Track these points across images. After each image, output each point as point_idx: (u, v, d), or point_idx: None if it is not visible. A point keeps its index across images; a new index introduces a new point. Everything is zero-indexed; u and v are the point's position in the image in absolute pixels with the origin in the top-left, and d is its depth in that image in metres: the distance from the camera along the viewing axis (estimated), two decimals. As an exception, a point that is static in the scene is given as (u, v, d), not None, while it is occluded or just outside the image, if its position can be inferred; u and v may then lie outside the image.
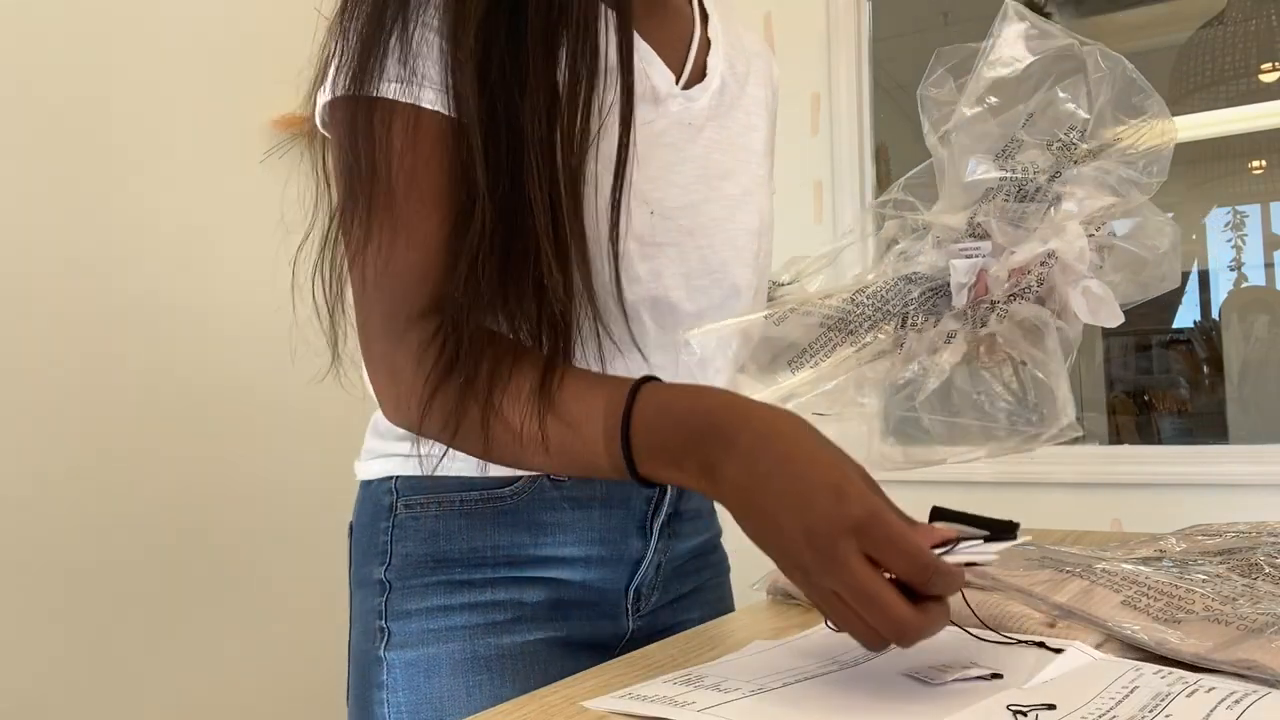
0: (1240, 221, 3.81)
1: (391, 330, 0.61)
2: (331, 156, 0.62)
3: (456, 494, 0.71)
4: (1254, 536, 0.81)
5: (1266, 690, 0.45)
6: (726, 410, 0.54)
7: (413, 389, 0.60)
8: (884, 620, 0.45)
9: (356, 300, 0.61)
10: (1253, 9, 2.59)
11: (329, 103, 0.61)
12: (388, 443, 0.74)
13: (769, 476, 0.50)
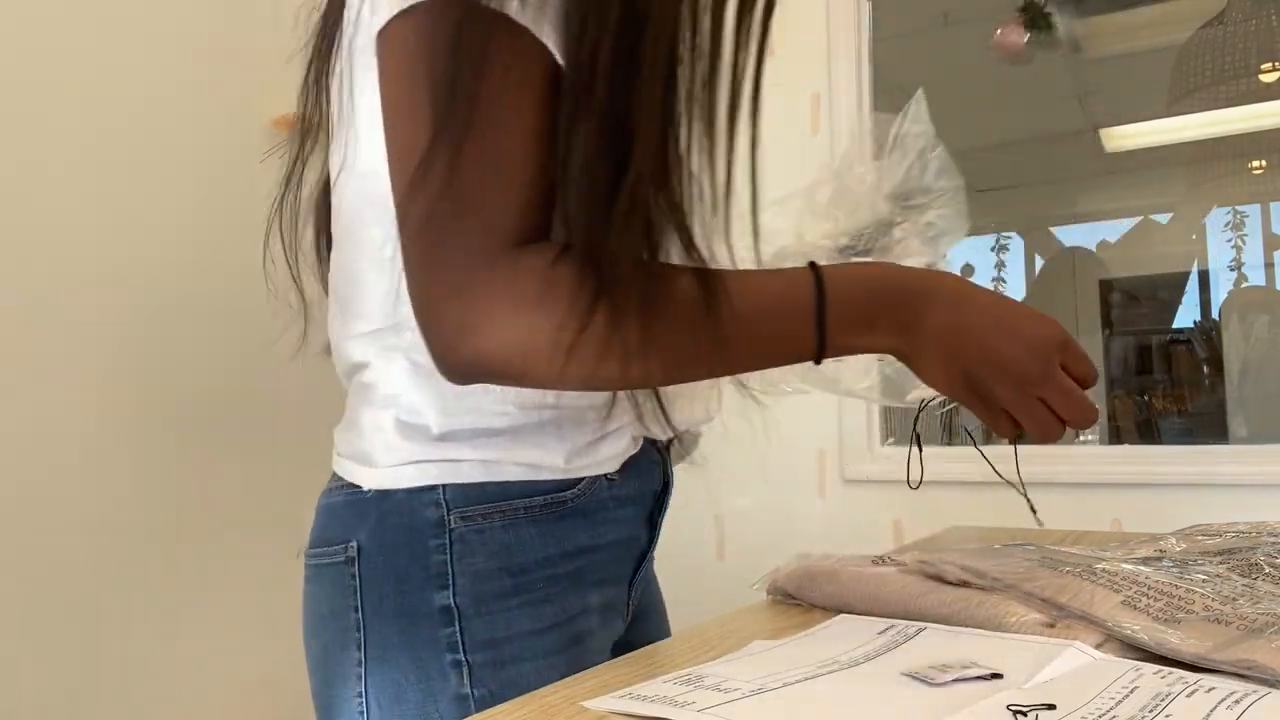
0: (1240, 221, 3.81)
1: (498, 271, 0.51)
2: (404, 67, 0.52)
3: (520, 500, 0.64)
4: (1254, 536, 0.81)
5: (1266, 690, 0.45)
6: (910, 274, 0.61)
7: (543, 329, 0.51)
8: (1080, 410, 0.60)
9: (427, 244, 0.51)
10: (1253, 9, 2.59)
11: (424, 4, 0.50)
12: (427, 445, 0.62)
13: (979, 315, 0.60)
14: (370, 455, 0.64)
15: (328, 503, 0.67)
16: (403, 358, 0.63)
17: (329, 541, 0.65)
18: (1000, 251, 4.46)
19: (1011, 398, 0.60)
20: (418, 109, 0.50)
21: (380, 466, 0.64)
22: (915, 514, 2.14)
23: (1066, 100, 3.80)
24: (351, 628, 0.64)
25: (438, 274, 0.51)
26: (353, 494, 0.65)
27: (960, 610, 0.61)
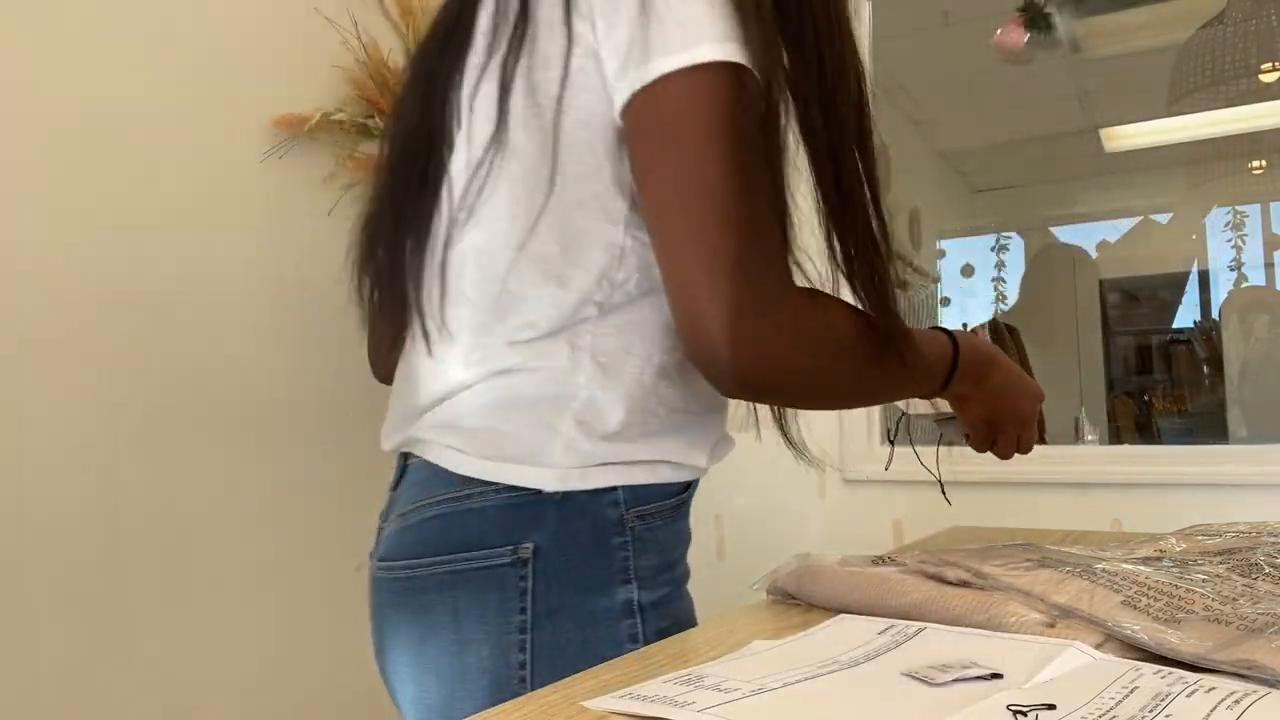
0: (1240, 221, 3.81)
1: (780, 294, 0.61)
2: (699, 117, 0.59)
3: (671, 499, 0.72)
4: (1254, 536, 0.81)
5: (1266, 690, 0.45)
6: (987, 348, 0.82)
7: (816, 359, 0.63)
8: (1030, 441, 0.89)
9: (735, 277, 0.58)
10: (1253, 9, 2.59)
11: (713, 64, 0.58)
12: (605, 445, 0.66)
13: (1012, 379, 0.85)
14: (542, 456, 0.66)
15: (473, 507, 0.67)
16: (588, 359, 0.66)
17: (486, 544, 0.66)
18: (1000, 251, 4.46)
19: (1008, 431, 0.87)
20: (718, 159, 0.58)
21: (560, 468, 0.66)
22: (915, 514, 2.14)
23: (1066, 100, 3.80)
24: (514, 629, 0.65)
25: (743, 304, 0.58)
26: (516, 497, 0.66)
27: (960, 610, 0.61)
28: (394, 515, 0.74)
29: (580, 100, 0.64)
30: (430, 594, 0.68)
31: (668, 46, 0.59)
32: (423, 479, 0.71)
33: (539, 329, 0.67)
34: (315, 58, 1.74)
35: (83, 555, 1.38)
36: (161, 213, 1.50)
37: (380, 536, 0.76)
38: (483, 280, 0.68)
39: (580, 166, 0.64)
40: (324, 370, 1.73)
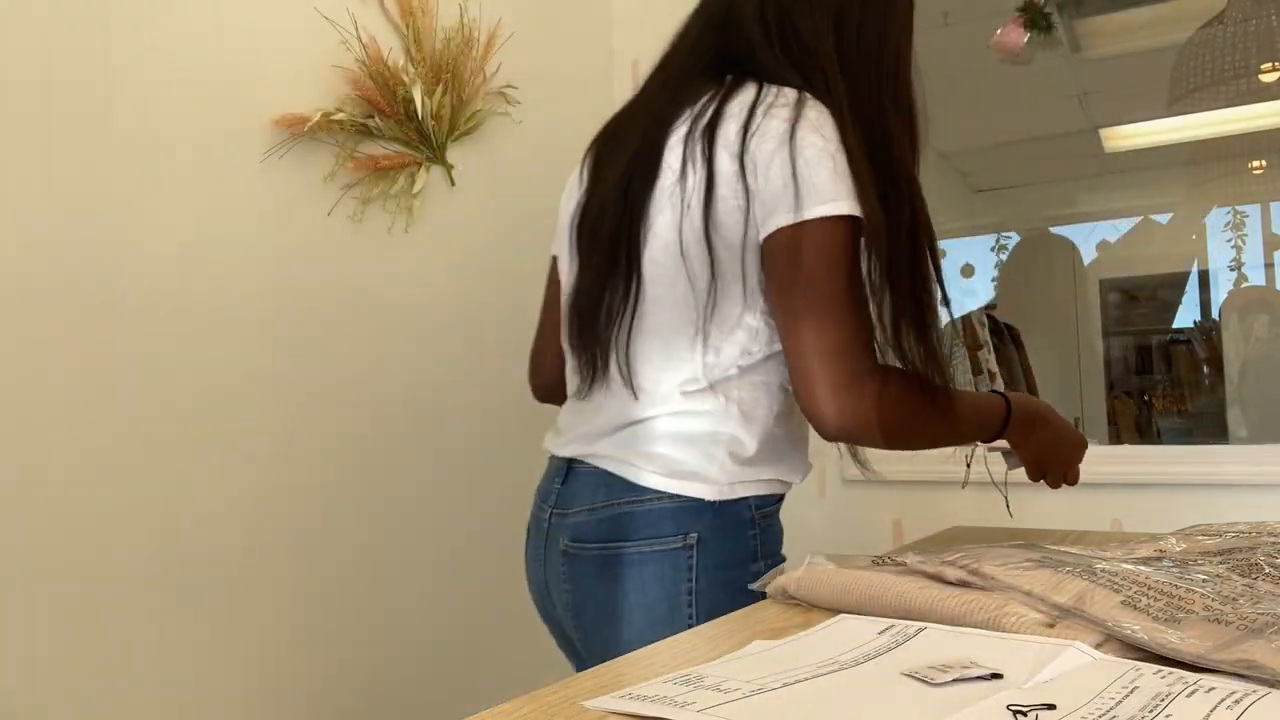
0: (1240, 221, 3.81)
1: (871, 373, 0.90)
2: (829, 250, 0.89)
3: (777, 503, 1.03)
4: (1254, 536, 0.82)
5: (1266, 690, 0.45)
6: (1037, 406, 1.09)
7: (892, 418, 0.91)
8: (1073, 478, 1.15)
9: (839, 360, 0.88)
10: (1253, 9, 2.58)
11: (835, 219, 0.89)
12: (755, 470, 0.97)
13: (1059, 434, 1.12)
14: (706, 476, 0.95)
15: (653, 508, 0.95)
16: (735, 407, 0.96)
17: (663, 534, 0.95)
18: (1000, 251, 4.45)
19: (1054, 470, 1.14)
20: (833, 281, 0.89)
21: (718, 483, 0.95)
22: (915, 514, 2.14)
23: (1066, 100, 3.79)
24: (684, 592, 0.95)
25: (840, 382, 0.87)
26: (686, 503, 0.95)
27: (960, 610, 0.61)
28: (579, 508, 1.01)
29: (738, 228, 0.93)
30: (623, 567, 0.96)
31: (805, 201, 0.88)
32: (603, 483, 0.99)
33: (700, 384, 0.96)
34: (315, 58, 1.74)
35: (82, 554, 1.38)
36: (161, 213, 1.50)
37: (565, 521, 1.03)
38: (663, 350, 0.97)
39: (732, 271, 0.94)
40: (322, 370, 1.73)
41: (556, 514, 1.06)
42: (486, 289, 2.09)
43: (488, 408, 2.08)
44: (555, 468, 1.09)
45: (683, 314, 0.96)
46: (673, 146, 0.97)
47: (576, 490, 1.02)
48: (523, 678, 2.01)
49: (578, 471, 1.03)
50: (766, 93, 0.94)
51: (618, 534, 0.96)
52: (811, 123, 0.90)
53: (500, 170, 2.12)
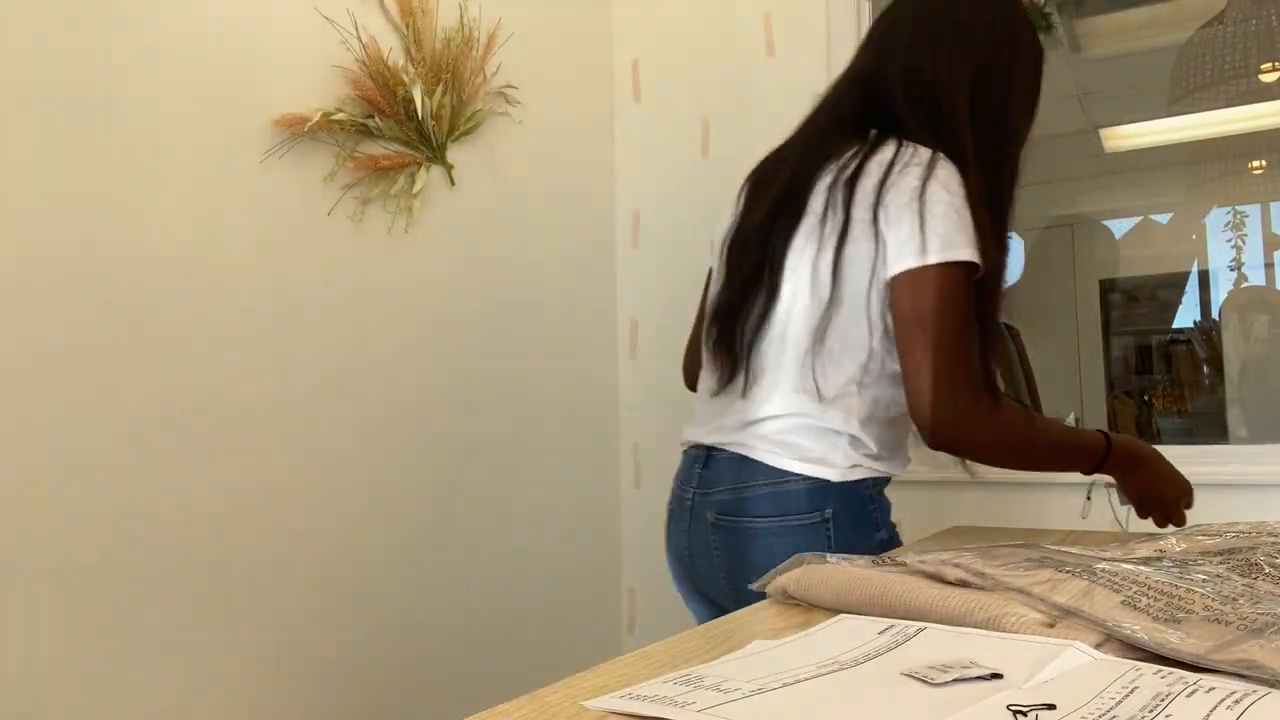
0: (1240, 221, 3.81)
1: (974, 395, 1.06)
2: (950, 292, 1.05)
3: (887, 482, 1.20)
4: (1254, 536, 0.82)
5: (1266, 690, 0.45)
6: (1141, 449, 1.22)
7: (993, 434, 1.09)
8: (1178, 519, 1.24)
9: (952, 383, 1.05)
10: (1253, 9, 2.59)
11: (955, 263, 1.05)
12: (869, 460, 1.15)
13: (1162, 476, 1.23)
14: (831, 462, 1.13)
15: (791, 489, 1.13)
16: (855, 417, 1.13)
17: (803, 510, 1.13)
18: (1000, 251, 4.44)
19: (1157, 511, 1.25)
20: (949, 318, 1.05)
21: (840, 468, 1.13)
22: (915, 514, 2.14)
23: (1066, 100, 3.79)
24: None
25: (954, 398, 1.04)
26: (817, 484, 1.13)
27: (960, 610, 0.61)
28: (722, 487, 1.19)
29: (868, 265, 1.09)
30: (768, 538, 1.13)
31: (930, 248, 1.05)
32: (744, 467, 1.16)
33: (824, 395, 1.13)
34: (315, 58, 1.74)
35: (81, 554, 1.38)
36: (161, 213, 1.50)
37: (709, 499, 1.20)
38: (794, 360, 1.15)
39: (858, 303, 1.11)
40: (322, 370, 1.73)
41: (699, 493, 1.23)
42: (486, 289, 2.09)
43: (488, 407, 2.08)
44: (695, 455, 1.26)
45: (812, 335, 1.13)
46: (817, 193, 1.15)
47: (719, 473, 1.20)
48: (523, 678, 2.02)
49: (717, 458, 1.21)
50: (904, 151, 1.10)
51: (763, 510, 1.15)
52: (941, 180, 1.07)
53: (500, 170, 2.12)
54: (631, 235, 2.53)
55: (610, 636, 2.43)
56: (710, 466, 1.21)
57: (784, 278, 1.16)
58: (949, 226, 1.05)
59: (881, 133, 1.15)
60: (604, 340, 2.46)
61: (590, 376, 2.40)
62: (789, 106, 2.38)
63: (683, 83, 2.48)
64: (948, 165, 1.08)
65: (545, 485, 2.22)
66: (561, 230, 2.31)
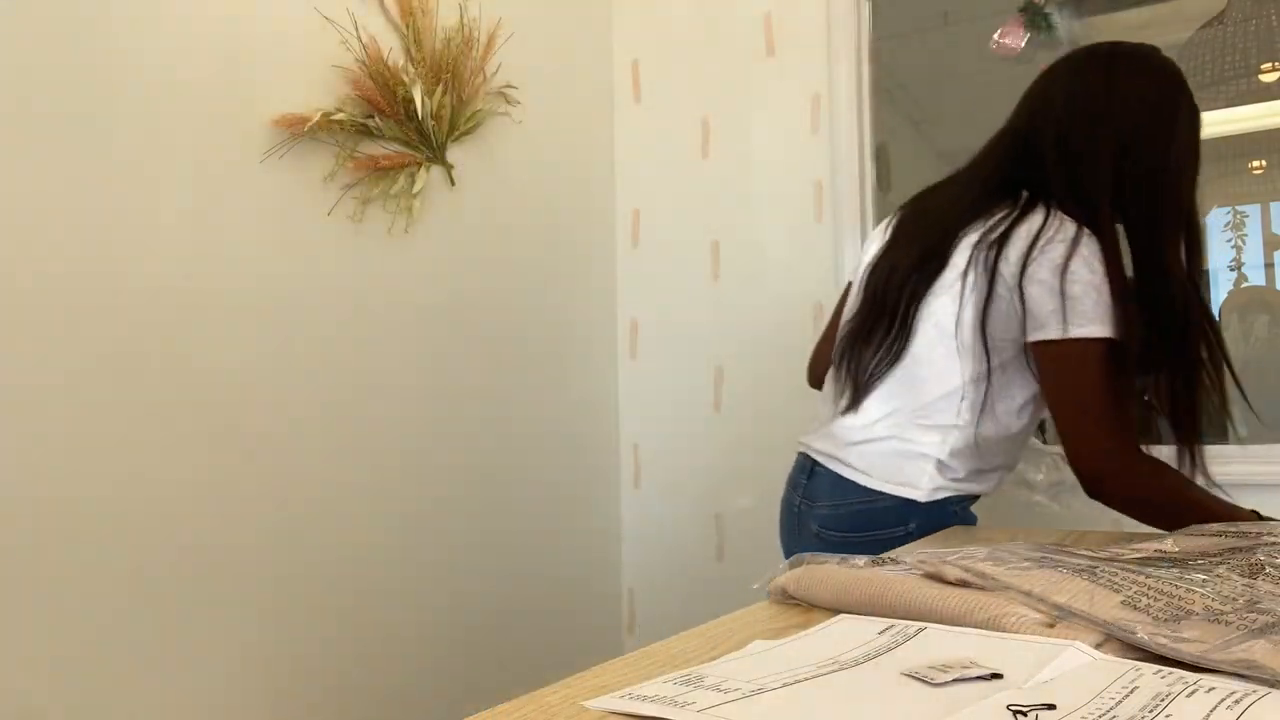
0: (1240, 221, 3.80)
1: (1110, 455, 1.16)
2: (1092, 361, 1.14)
3: (971, 502, 1.30)
4: (1254, 536, 0.82)
5: (1266, 690, 0.45)
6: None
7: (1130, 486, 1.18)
8: None
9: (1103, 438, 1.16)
10: (1253, 9, 2.59)
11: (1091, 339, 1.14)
12: (954, 482, 1.25)
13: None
14: (916, 484, 1.24)
15: (877, 506, 1.25)
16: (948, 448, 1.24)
17: (888, 525, 1.23)
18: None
19: None
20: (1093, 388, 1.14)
21: (926, 490, 1.24)
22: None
23: (1066, 100, 3.78)
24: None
25: (1091, 458, 1.16)
26: (903, 503, 1.24)
27: (960, 610, 0.61)
28: (823, 502, 1.30)
29: (1002, 325, 1.19)
30: (861, 548, 1.15)
31: (1071, 322, 1.14)
32: (839, 484, 1.28)
33: (924, 426, 1.24)
34: (315, 58, 1.74)
35: (81, 554, 1.38)
36: (162, 212, 1.50)
37: (812, 511, 1.32)
38: (906, 392, 1.26)
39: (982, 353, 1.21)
40: (322, 370, 1.73)
41: (805, 502, 1.35)
42: (486, 289, 2.09)
43: (487, 407, 2.08)
44: (802, 464, 1.37)
45: (928, 374, 1.24)
46: (961, 249, 1.23)
47: (820, 488, 1.32)
48: (523, 678, 2.02)
49: (819, 472, 1.32)
50: (1051, 222, 1.17)
51: (855, 526, 1.26)
52: (1084, 258, 1.14)
53: (500, 170, 2.12)
54: (631, 235, 2.53)
55: (610, 636, 2.43)
56: (813, 479, 1.34)
57: (917, 322, 1.25)
58: (1089, 304, 1.14)
59: (1032, 196, 1.22)
60: (604, 340, 2.46)
61: (590, 376, 2.40)
62: (789, 106, 2.39)
63: (683, 83, 2.48)
64: (1091, 243, 1.15)
65: (545, 485, 2.22)
66: (561, 230, 2.31)
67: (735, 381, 2.38)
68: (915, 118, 3.99)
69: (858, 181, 2.26)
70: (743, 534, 2.32)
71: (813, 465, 1.34)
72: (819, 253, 2.29)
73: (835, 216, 2.27)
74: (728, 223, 2.41)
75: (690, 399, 2.43)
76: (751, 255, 2.38)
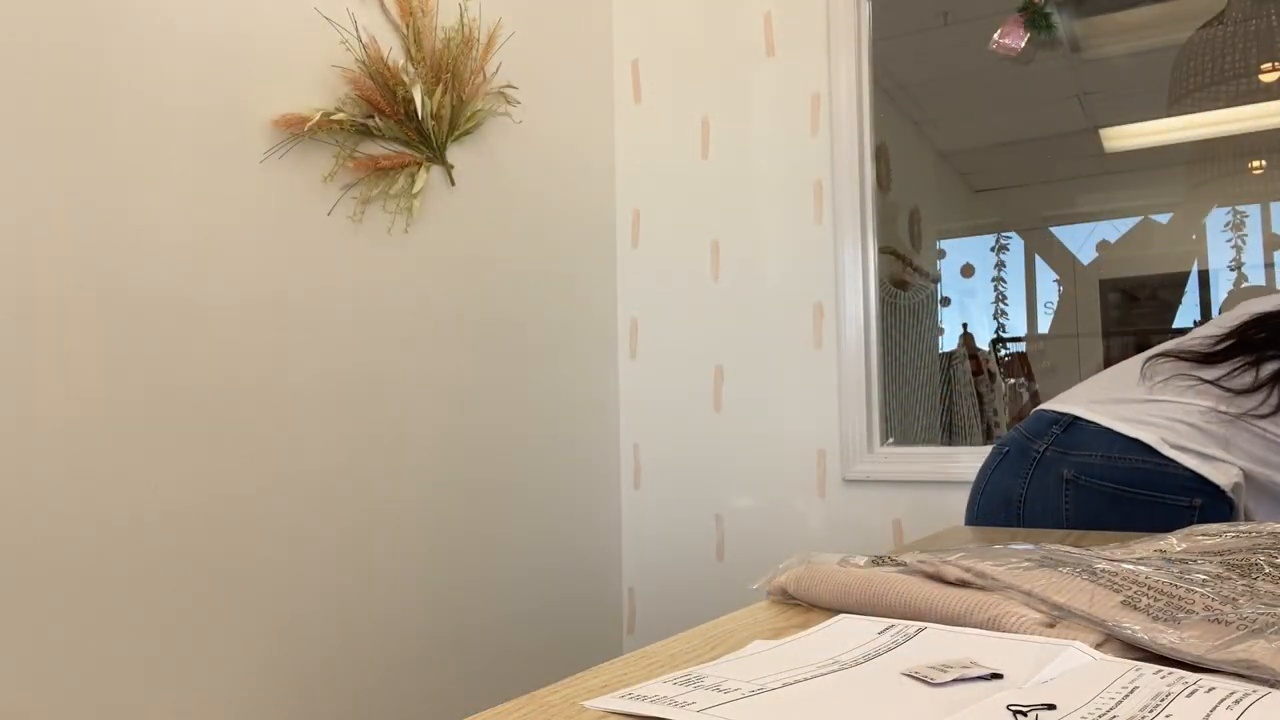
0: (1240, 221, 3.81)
1: None
2: None
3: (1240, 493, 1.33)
4: (1254, 536, 0.81)
5: (1266, 690, 0.45)
6: None
7: None
8: None
9: None
10: (1253, 9, 2.59)
11: None
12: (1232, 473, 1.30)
13: None
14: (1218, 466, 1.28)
15: (1170, 471, 1.27)
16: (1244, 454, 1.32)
17: (1174, 492, 1.27)
18: (1000, 251, 4.46)
19: None
20: None
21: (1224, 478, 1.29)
22: (915, 514, 2.14)
23: (1066, 100, 3.80)
24: None
25: None
26: (1196, 479, 1.26)
27: (960, 610, 0.61)
28: (1096, 454, 1.32)
29: None
30: (1130, 506, 1.27)
31: None
32: (1119, 442, 1.31)
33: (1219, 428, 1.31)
34: (315, 58, 1.74)
35: (80, 554, 1.38)
36: (162, 213, 1.50)
37: (1068, 459, 1.33)
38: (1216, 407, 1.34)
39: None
40: (321, 370, 1.73)
41: (1055, 450, 1.37)
42: (486, 289, 2.09)
43: (487, 407, 2.08)
44: (1053, 417, 1.42)
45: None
46: None
47: (1087, 440, 1.35)
48: (523, 678, 2.02)
49: (1079, 427, 1.37)
50: None
51: (1130, 481, 1.29)
52: None
53: (500, 170, 2.12)
54: (631, 235, 2.53)
55: (610, 636, 2.43)
56: (1070, 432, 1.38)
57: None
58: None
59: None
60: (604, 340, 2.46)
61: (590, 376, 2.40)
62: (789, 106, 2.39)
63: (683, 83, 2.48)
64: None
65: (545, 485, 2.22)
66: (561, 230, 2.31)
67: (735, 381, 2.38)
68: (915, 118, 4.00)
69: (857, 181, 2.26)
70: (743, 534, 2.32)
71: (1073, 421, 1.40)
72: (819, 253, 2.30)
73: (835, 216, 2.27)
74: (728, 223, 2.41)
75: (690, 399, 2.43)
76: (751, 255, 2.38)
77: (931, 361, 3.60)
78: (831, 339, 2.27)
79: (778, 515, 2.26)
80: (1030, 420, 1.45)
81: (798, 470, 2.27)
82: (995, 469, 1.44)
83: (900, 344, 3.15)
